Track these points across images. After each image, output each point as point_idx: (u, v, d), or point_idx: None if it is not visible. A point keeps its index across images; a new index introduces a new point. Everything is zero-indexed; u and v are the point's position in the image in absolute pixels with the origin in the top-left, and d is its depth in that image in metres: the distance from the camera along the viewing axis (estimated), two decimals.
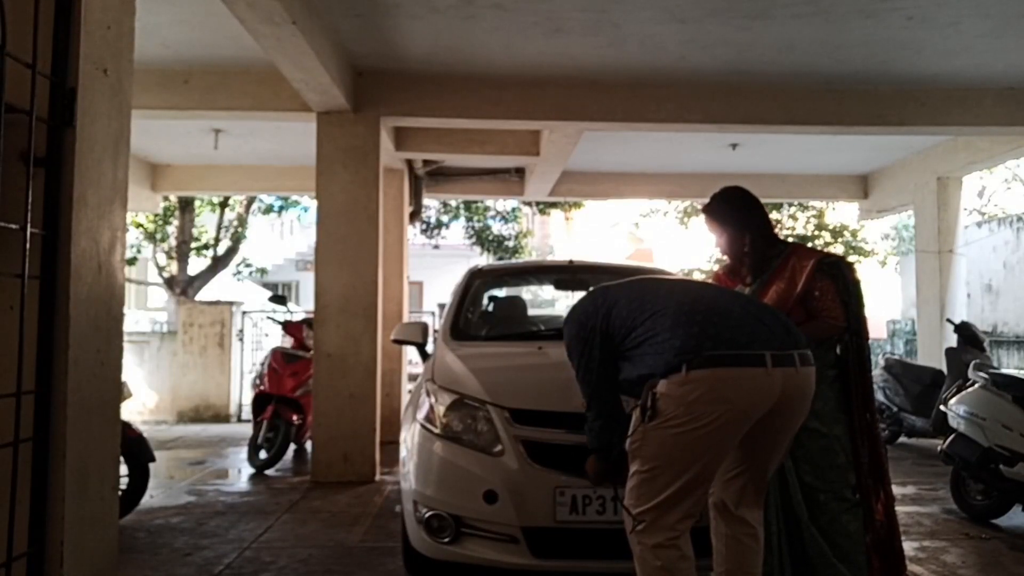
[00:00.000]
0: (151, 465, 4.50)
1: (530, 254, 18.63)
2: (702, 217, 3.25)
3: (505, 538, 2.99)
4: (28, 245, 1.51)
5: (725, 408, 2.19)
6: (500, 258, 15.37)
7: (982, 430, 4.63)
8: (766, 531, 2.70)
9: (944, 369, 7.16)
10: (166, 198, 11.55)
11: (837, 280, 3.03)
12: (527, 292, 11.27)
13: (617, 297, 2.53)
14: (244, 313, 11.06)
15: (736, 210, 3.11)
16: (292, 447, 6.86)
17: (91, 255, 1.76)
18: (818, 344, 2.96)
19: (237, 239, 13.33)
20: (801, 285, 2.99)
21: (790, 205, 14.96)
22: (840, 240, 15.29)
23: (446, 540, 3.06)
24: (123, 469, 4.11)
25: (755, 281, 3.13)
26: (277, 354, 6.93)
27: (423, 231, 14.10)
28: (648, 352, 2.32)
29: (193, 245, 13.00)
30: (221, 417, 10.44)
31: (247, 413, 9.17)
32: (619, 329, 2.43)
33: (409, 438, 3.39)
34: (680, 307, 2.36)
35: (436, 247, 15.19)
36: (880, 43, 5.46)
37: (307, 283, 14.64)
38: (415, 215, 9.22)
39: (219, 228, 13.26)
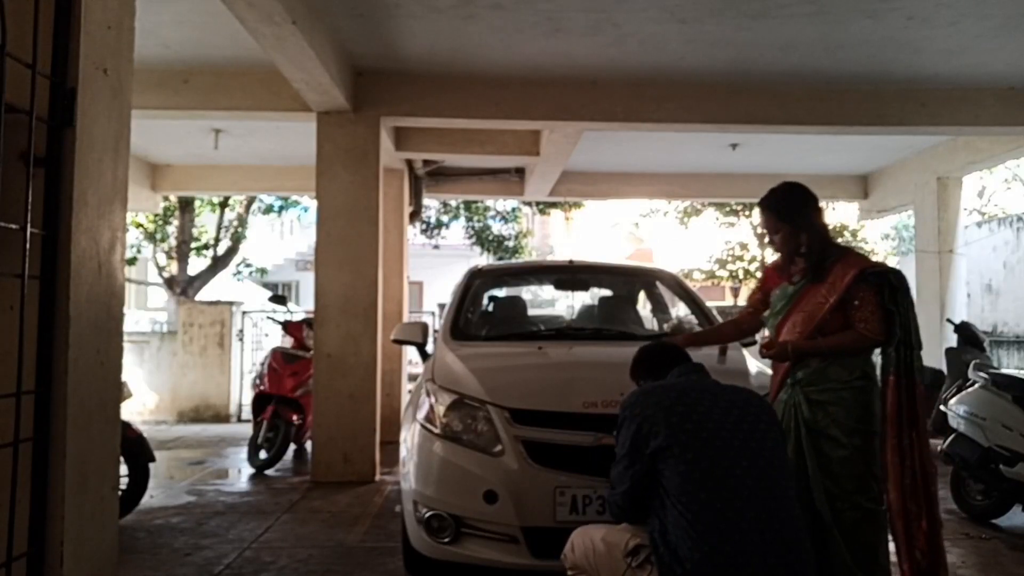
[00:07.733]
0: (151, 465, 4.50)
1: (530, 254, 18.61)
2: (757, 211, 3.20)
3: (505, 538, 3.00)
4: (28, 245, 1.50)
5: None
6: (500, 258, 15.36)
7: (982, 430, 4.63)
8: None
9: (944, 369, 7.15)
10: (166, 198, 11.54)
11: (882, 291, 2.94)
12: (527, 292, 11.25)
13: (686, 448, 2.25)
14: (244, 313, 11.05)
15: (795, 207, 3.05)
16: (292, 447, 6.86)
17: (91, 255, 1.76)
18: (848, 352, 2.95)
19: (237, 239, 13.32)
20: (839, 293, 2.93)
21: None
22: (840, 240, 15.27)
23: (446, 540, 3.07)
24: (123, 469, 4.11)
25: (802, 281, 3.07)
26: (277, 354, 6.93)
27: (423, 231, 14.09)
28: (672, 518, 2.19)
29: (193, 245, 12.99)
30: (221, 417, 10.43)
31: (247, 413, 9.16)
32: (663, 470, 2.26)
33: (409, 438, 3.39)
34: (706, 510, 2.19)
35: (436, 247, 15.19)
36: (880, 43, 5.45)
37: (307, 283, 14.62)
38: (415, 215, 9.22)
39: (219, 228, 13.25)
